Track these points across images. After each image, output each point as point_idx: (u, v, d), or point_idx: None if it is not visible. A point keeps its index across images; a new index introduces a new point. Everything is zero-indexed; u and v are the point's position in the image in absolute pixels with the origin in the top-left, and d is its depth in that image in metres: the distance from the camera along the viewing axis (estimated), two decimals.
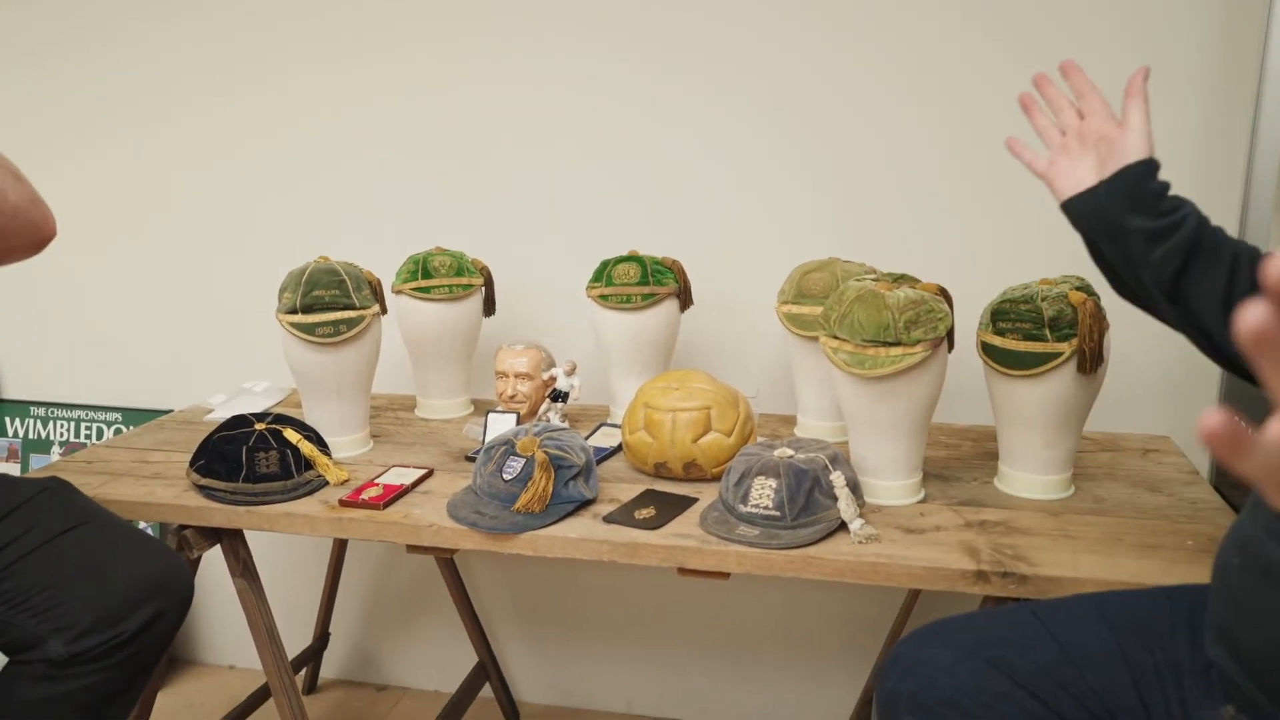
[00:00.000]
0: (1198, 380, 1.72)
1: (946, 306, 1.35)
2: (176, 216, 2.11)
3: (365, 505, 1.37)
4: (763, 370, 1.90)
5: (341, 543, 2.08)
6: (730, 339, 1.91)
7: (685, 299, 1.72)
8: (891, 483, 1.36)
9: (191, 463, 1.46)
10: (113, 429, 2.23)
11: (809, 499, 1.25)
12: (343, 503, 1.38)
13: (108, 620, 1.19)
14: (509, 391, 1.67)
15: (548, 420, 1.62)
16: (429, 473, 1.50)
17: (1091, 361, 1.31)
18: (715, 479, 1.44)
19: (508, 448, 1.35)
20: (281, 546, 2.19)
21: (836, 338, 1.34)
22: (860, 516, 1.26)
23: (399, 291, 1.75)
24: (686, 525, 1.29)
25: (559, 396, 1.63)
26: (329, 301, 1.53)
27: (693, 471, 1.44)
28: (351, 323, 1.55)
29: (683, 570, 1.25)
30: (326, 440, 1.53)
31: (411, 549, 1.36)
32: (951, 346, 1.36)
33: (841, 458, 1.32)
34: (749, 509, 1.26)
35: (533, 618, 2.14)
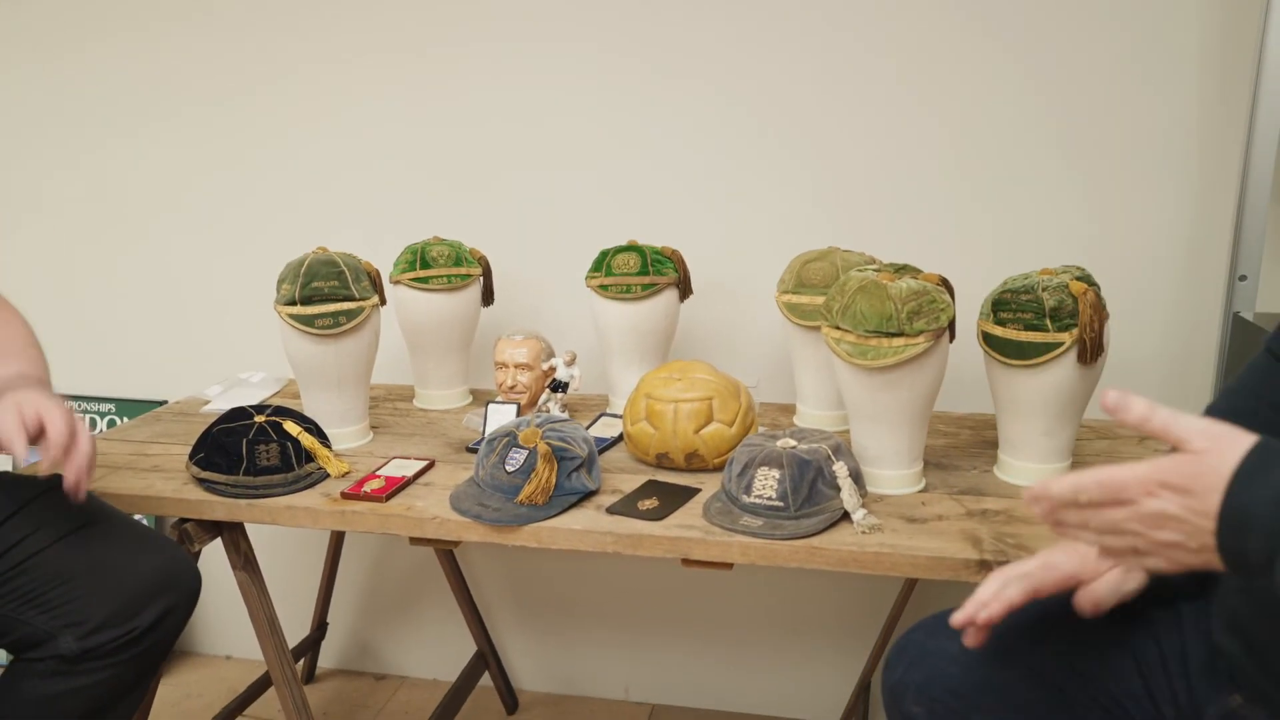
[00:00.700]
0: (1195, 370, 1.73)
1: (948, 297, 1.35)
2: (171, 207, 2.10)
3: (368, 498, 1.36)
4: (762, 359, 1.90)
5: (339, 533, 2.07)
6: (730, 328, 1.91)
7: (685, 289, 1.72)
8: (893, 472, 1.37)
9: (191, 455, 1.45)
10: (106, 420, 2.21)
11: (812, 489, 1.25)
12: (345, 495, 1.38)
13: (120, 616, 1.19)
14: (509, 382, 1.66)
15: (548, 411, 1.62)
16: (430, 464, 1.49)
17: (1092, 352, 1.31)
18: (717, 469, 1.45)
19: (510, 439, 1.35)
20: (278, 537, 2.19)
21: (839, 328, 1.34)
22: (863, 506, 1.27)
23: (397, 282, 1.74)
24: (689, 516, 1.29)
25: (559, 387, 1.63)
26: (328, 293, 1.52)
27: (694, 462, 1.44)
28: (351, 314, 1.54)
29: (687, 561, 1.26)
30: (326, 432, 1.52)
31: (415, 541, 1.36)
32: (953, 337, 1.36)
33: (844, 448, 1.32)
34: (752, 499, 1.26)
35: (531, 606, 2.14)
